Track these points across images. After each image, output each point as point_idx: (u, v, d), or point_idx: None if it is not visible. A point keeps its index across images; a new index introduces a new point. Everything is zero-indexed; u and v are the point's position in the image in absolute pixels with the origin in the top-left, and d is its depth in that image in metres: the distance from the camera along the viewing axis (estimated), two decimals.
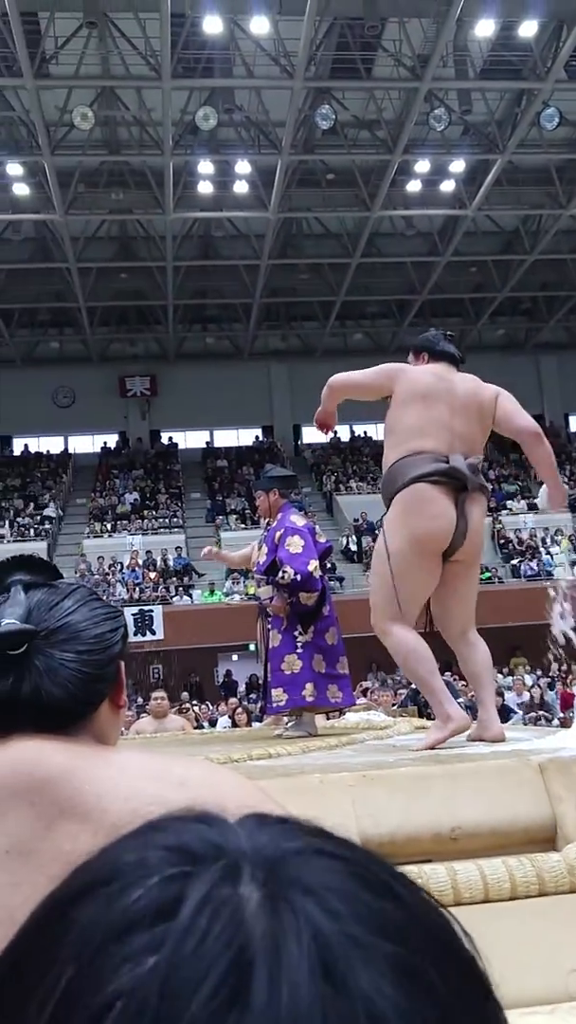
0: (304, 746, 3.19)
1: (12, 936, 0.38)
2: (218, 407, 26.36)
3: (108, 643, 1.04)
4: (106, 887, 0.35)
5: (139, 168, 18.66)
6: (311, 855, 0.36)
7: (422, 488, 3.16)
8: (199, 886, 0.34)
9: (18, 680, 0.98)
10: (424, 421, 3.25)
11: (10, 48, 14.63)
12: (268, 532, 4.86)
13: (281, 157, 17.37)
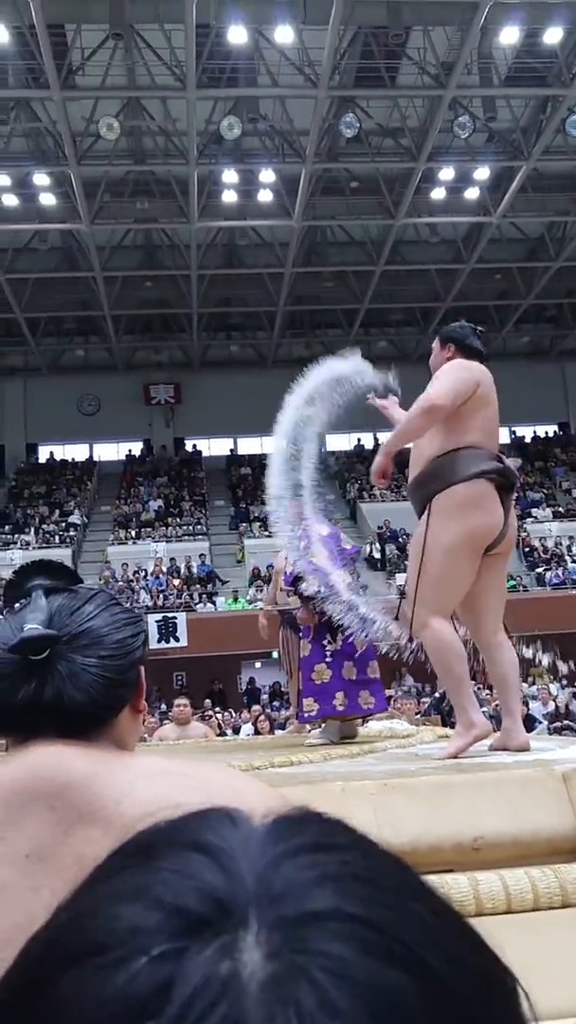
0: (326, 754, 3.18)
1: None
2: (242, 415, 26.39)
3: (129, 648, 1.04)
4: (95, 958, 0.32)
5: (164, 177, 18.78)
6: (326, 920, 0.31)
7: (484, 484, 3.16)
8: (193, 966, 0.30)
9: (40, 685, 0.98)
10: (487, 422, 3.29)
11: (37, 60, 14.78)
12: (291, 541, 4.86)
13: (305, 165, 17.42)
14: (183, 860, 0.35)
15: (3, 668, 0.99)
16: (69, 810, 0.92)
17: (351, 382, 4.29)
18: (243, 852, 0.35)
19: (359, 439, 27.28)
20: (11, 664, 0.99)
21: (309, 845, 0.35)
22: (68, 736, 0.98)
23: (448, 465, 3.21)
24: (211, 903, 0.33)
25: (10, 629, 1.02)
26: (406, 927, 0.32)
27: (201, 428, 26.77)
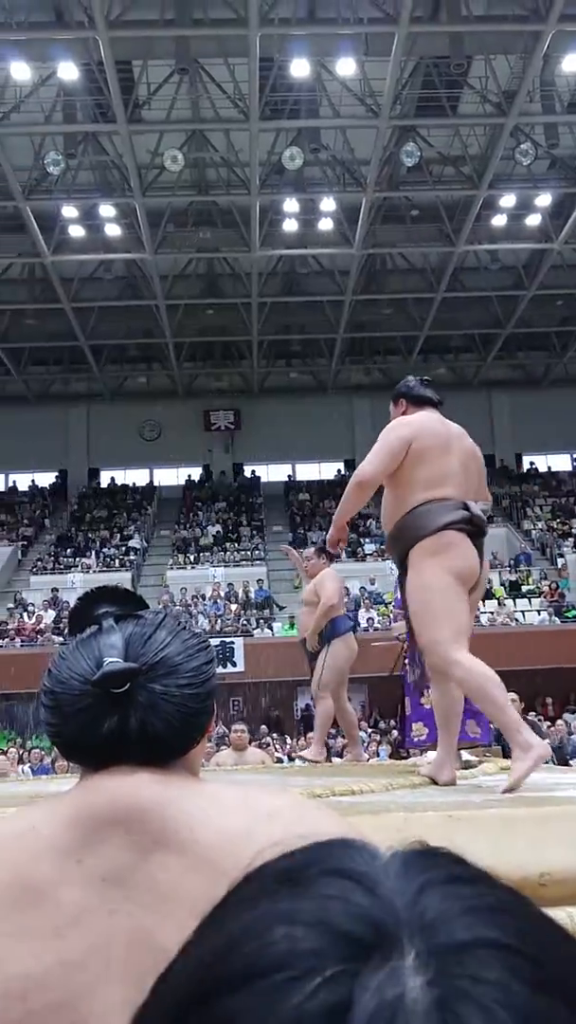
0: (388, 783, 3.16)
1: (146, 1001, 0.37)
2: (300, 441, 26.53)
3: (206, 676, 1.04)
4: (263, 980, 0.33)
5: (226, 207, 19.06)
6: (477, 948, 0.33)
7: (452, 534, 3.19)
8: (368, 989, 0.32)
9: (124, 717, 0.98)
10: (442, 469, 3.29)
11: (105, 96, 15.17)
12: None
13: (366, 194, 17.54)
14: (334, 885, 0.36)
15: (82, 701, 1.00)
16: (144, 835, 0.93)
17: None
18: (385, 881, 0.36)
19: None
20: (90, 696, 0.99)
21: (444, 877, 0.36)
22: (149, 765, 0.99)
23: (412, 523, 3.25)
24: (370, 928, 0.34)
25: (84, 661, 1.02)
26: (549, 954, 0.34)
27: (260, 454, 26.94)
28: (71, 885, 0.91)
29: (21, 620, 19.43)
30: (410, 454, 3.26)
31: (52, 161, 16.19)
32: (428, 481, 3.25)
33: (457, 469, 3.32)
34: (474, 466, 3.48)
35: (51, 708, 1.02)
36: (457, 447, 3.40)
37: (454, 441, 3.41)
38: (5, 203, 18.08)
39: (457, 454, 3.37)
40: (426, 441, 3.30)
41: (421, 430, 3.34)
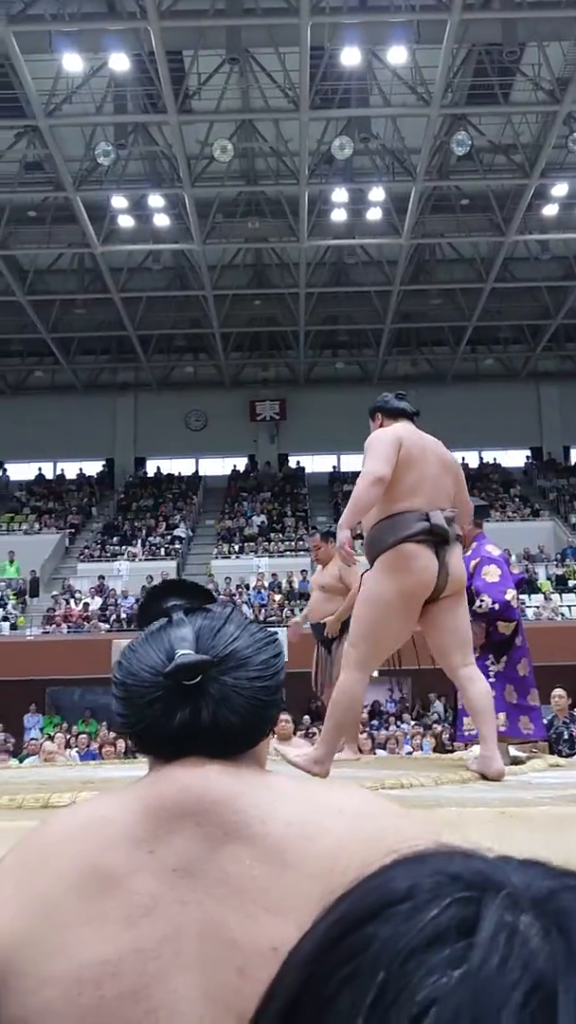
0: (436, 777, 3.15)
1: (294, 951, 0.44)
2: (346, 432, 26.36)
3: (275, 669, 1.05)
4: (399, 906, 0.40)
5: (275, 197, 19.04)
6: (570, 891, 0.40)
7: (410, 547, 3.31)
8: (492, 909, 0.38)
9: (195, 709, 0.99)
10: (416, 480, 3.39)
11: (156, 86, 15.22)
12: (463, 561, 4.91)
13: (416, 184, 17.41)
14: (451, 858, 0.43)
15: (153, 693, 1.01)
16: (215, 828, 0.94)
17: None
18: (497, 864, 0.43)
19: (463, 457, 26.98)
20: (161, 688, 1.01)
21: (540, 866, 0.43)
22: (219, 758, 1.01)
23: (377, 535, 3.41)
24: (481, 877, 0.40)
25: (155, 653, 1.03)
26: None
27: (305, 445, 26.93)
28: (143, 875, 0.93)
29: (68, 607, 19.67)
30: (398, 460, 3.38)
31: (102, 152, 16.29)
32: (402, 490, 3.37)
33: (431, 479, 3.44)
34: (450, 475, 3.59)
35: (122, 699, 1.04)
36: (433, 457, 3.52)
37: (430, 451, 3.52)
38: (56, 194, 18.26)
39: (433, 464, 3.48)
40: (410, 450, 3.42)
41: (405, 438, 3.46)
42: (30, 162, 18.08)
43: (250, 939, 0.88)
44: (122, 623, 18.97)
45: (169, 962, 0.89)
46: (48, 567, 21.89)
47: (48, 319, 22.88)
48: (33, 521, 24.01)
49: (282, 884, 0.91)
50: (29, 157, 17.85)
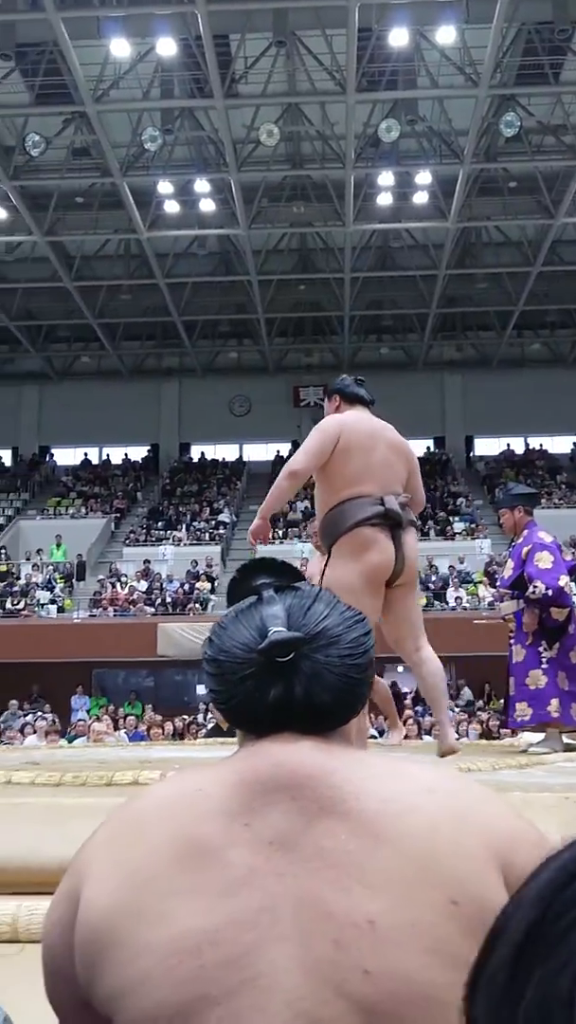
0: (494, 763, 3.15)
1: (521, 892, 0.47)
2: (390, 417, 25.64)
3: (365, 647, 1.06)
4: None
5: (320, 181, 18.95)
6: None
7: (363, 531, 3.37)
8: None
9: (288, 686, 1.01)
10: (363, 466, 3.44)
11: (202, 70, 15.21)
12: (515, 548, 4.92)
13: (463, 166, 17.21)
14: None
15: (246, 669, 1.03)
16: (310, 802, 0.96)
17: None
18: None
19: (508, 443, 26.73)
20: (254, 665, 1.02)
21: None
22: (311, 734, 1.02)
23: (331, 521, 3.47)
24: None
25: (246, 630, 1.05)
26: None
27: None
28: (239, 847, 0.94)
29: (114, 590, 19.87)
30: (337, 449, 3.43)
31: (149, 137, 16.32)
32: (350, 477, 3.42)
33: (379, 465, 3.48)
34: (402, 461, 3.61)
35: (215, 676, 1.05)
36: (383, 444, 3.56)
37: (379, 438, 3.56)
38: (103, 180, 18.35)
39: (382, 450, 3.52)
40: (352, 437, 3.46)
41: (349, 427, 3.51)
42: (77, 148, 18.18)
43: (345, 912, 0.90)
44: (167, 607, 19.13)
45: (266, 933, 0.90)
46: (94, 551, 22.13)
47: (94, 305, 23.03)
48: (79, 506, 24.27)
49: (377, 859, 0.92)
50: (76, 143, 17.95)
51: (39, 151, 16.61)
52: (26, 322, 24.28)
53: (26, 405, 27.30)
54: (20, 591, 20.07)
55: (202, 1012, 0.88)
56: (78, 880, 1.02)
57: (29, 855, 2.23)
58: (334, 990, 0.87)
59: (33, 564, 21.15)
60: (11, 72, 15.81)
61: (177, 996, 0.89)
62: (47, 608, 19.59)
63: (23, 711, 15.77)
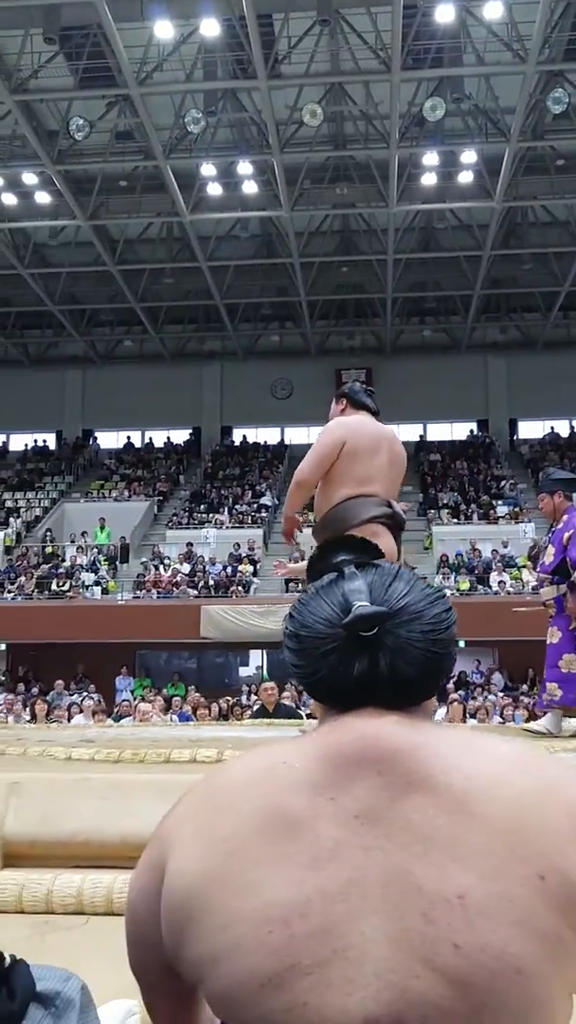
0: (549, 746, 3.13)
1: None
2: (433, 400, 26.17)
3: (448, 623, 1.06)
4: None
5: (364, 162, 18.79)
6: None
7: (375, 527, 3.45)
8: None
9: (373, 660, 1.01)
10: (371, 469, 3.54)
11: (246, 51, 15.12)
12: (555, 533, 4.88)
13: (509, 144, 16.96)
14: None
15: (328, 644, 1.03)
16: (396, 777, 0.96)
17: None
18: None
19: (552, 427, 26.40)
20: (337, 639, 1.03)
21: None
22: (394, 709, 1.02)
23: (341, 514, 3.52)
24: None
25: (328, 606, 1.05)
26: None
27: (391, 413, 26.48)
28: (325, 820, 0.95)
29: (157, 572, 20.02)
30: (343, 454, 3.52)
31: (192, 119, 16.28)
32: (357, 479, 3.50)
33: (385, 470, 3.57)
34: (399, 470, 3.72)
35: (297, 651, 1.06)
36: (387, 450, 3.63)
37: (384, 444, 3.63)
38: (146, 163, 18.36)
39: (385, 456, 3.60)
40: (358, 442, 3.55)
41: (354, 432, 3.60)
42: (121, 131, 18.20)
43: (435, 886, 0.90)
44: (210, 589, 19.23)
45: (356, 905, 0.91)
46: (137, 534, 22.30)
47: (137, 288, 23.12)
48: (122, 489, 24.46)
49: (465, 834, 0.92)
50: (120, 126, 17.98)
51: (83, 135, 16.66)
52: (70, 306, 24.45)
53: (70, 389, 27.54)
54: (65, 573, 20.31)
55: (293, 981, 0.89)
56: (163, 850, 1.04)
57: (92, 830, 2.26)
58: (424, 963, 0.88)
59: (78, 546, 21.39)
60: (55, 56, 15.86)
61: (269, 964, 0.90)
62: (92, 590, 19.80)
63: (68, 691, 15.98)
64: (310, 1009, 0.88)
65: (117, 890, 2.12)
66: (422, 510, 23.03)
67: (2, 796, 2.33)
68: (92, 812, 2.29)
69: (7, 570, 20.87)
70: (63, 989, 1.35)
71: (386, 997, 0.88)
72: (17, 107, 16.29)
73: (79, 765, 2.62)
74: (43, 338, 26.88)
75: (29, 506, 24.17)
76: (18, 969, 1.27)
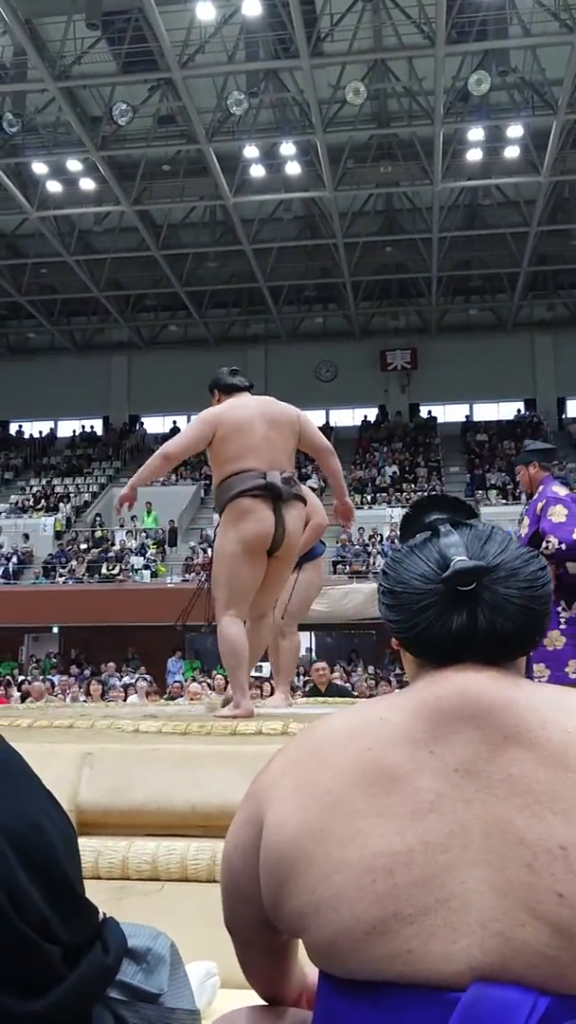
0: None
1: None
2: (479, 380, 25.93)
3: (543, 580, 1.06)
4: None
5: (408, 139, 18.60)
6: None
7: (244, 501, 3.62)
8: None
9: (472, 615, 1.02)
10: (244, 447, 3.69)
11: (288, 30, 15.02)
12: (530, 504, 4.80)
13: (557, 117, 16.66)
14: None
15: (426, 599, 1.04)
16: (494, 731, 0.96)
17: None
18: None
19: None
20: (435, 595, 1.04)
21: None
22: (491, 664, 1.03)
23: (218, 495, 3.78)
24: None
25: (424, 563, 1.07)
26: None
27: (437, 394, 26.52)
28: (425, 773, 0.96)
29: (205, 555, 20.15)
30: (216, 438, 3.71)
31: (235, 101, 16.24)
32: (232, 457, 3.68)
33: (260, 443, 3.70)
34: (284, 433, 3.78)
35: (393, 607, 1.07)
36: (261, 423, 3.75)
37: (257, 419, 3.76)
38: (189, 147, 18.37)
39: (261, 430, 3.73)
40: (229, 425, 3.72)
41: (224, 416, 3.77)
42: (163, 116, 18.21)
43: (538, 837, 0.90)
44: None
45: (458, 856, 0.92)
46: (185, 517, 22.46)
47: (181, 273, 23.18)
48: (169, 473, 24.60)
49: (567, 788, 0.93)
50: (162, 111, 17.98)
51: (126, 120, 16.71)
52: (115, 292, 24.59)
53: (116, 375, 27.76)
54: (115, 557, 20.53)
55: (396, 929, 0.91)
56: (259, 805, 1.05)
57: (163, 799, 2.30)
58: (529, 912, 0.89)
59: (127, 531, 21.59)
60: (98, 41, 15.90)
61: (373, 912, 0.91)
62: (141, 573, 19.99)
63: (121, 673, 16.19)
64: (415, 956, 0.90)
65: (191, 857, 2.16)
66: (469, 491, 22.86)
67: (75, 767, 2.38)
68: (162, 782, 2.32)
69: (58, 555, 21.15)
70: (153, 946, 1.38)
71: (491, 945, 0.89)
72: (61, 94, 16.37)
73: (147, 737, 2.66)
74: (89, 325, 27.09)
75: (78, 491, 24.45)
76: (110, 925, 1.30)
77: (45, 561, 21.04)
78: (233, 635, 3.68)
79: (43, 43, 16.01)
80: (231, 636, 3.68)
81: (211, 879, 2.08)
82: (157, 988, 1.33)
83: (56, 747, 2.47)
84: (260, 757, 1.47)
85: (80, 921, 1.22)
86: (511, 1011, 0.86)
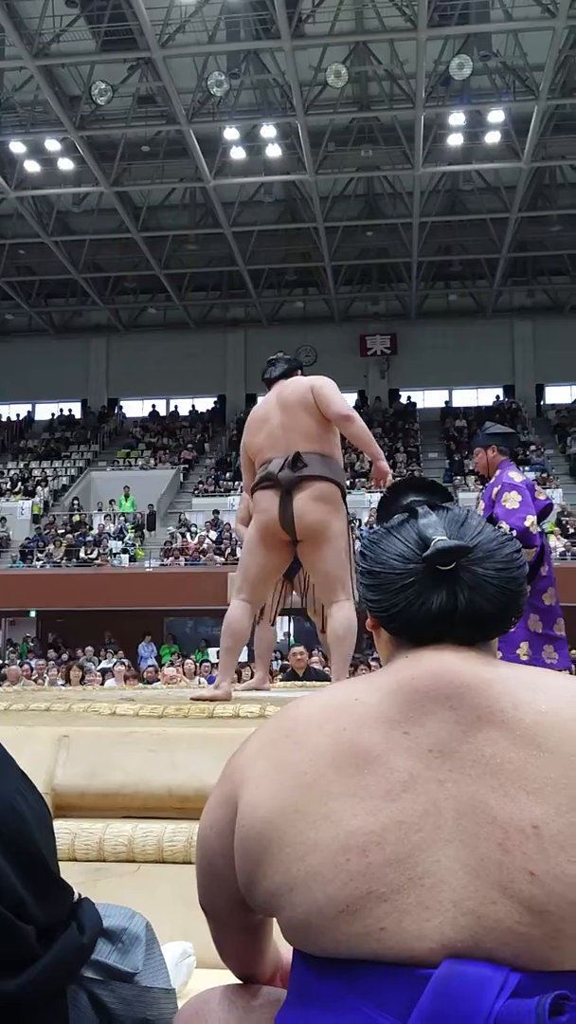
0: None
1: None
2: (458, 366, 25.98)
3: (519, 563, 1.07)
4: None
5: (389, 123, 18.53)
6: None
7: (256, 494, 3.76)
8: None
9: (452, 595, 1.03)
10: (262, 440, 3.80)
11: (269, 11, 14.90)
12: (486, 488, 4.81)
13: (538, 103, 16.65)
14: None
15: (405, 579, 1.05)
16: (468, 711, 0.97)
17: None
18: None
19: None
20: (414, 574, 1.04)
21: None
22: (467, 644, 1.03)
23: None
24: None
25: (403, 543, 1.07)
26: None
27: (416, 379, 26.56)
28: (399, 754, 0.96)
29: (184, 540, 20.13)
30: (244, 442, 3.95)
31: (215, 82, 16.11)
32: (257, 452, 3.83)
33: (276, 431, 3.76)
34: (298, 413, 3.73)
35: (373, 587, 1.07)
36: (275, 412, 3.80)
37: (272, 410, 3.82)
38: (169, 127, 18.20)
39: (276, 418, 3.78)
40: (249, 425, 3.91)
41: (247, 426, 3.94)
42: (143, 96, 18.04)
43: (510, 817, 0.91)
44: (237, 556, 19.31)
45: (431, 835, 0.92)
46: (164, 501, 22.40)
47: (160, 256, 23.02)
48: (148, 457, 24.54)
49: (538, 768, 0.93)
50: (142, 91, 17.81)
51: (105, 100, 16.54)
52: (93, 274, 24.40)
53: (94, 358, 27.58)
54: (93, 541, 20.46)
55: (369, 907, 0.91)
56: (234, 785, 1.06)
57: (139, 782, 2.30)
58: (501, 890, 0.89)
59: (105, 515, 21.51)
60: (77, 19, 15.71)
61: (346, 891, 0.92)
62: (119, 558, 19.94)
63: (99, 657, 16.16)
64: (387, 934, 0.90)
65: (167, 839, 2.16)
66: (448, 476, 22.94)
67: (51, 750, 2.37)
68: (139, 764, 2.32)
69: (36, 539, 21.06)
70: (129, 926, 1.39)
71: (463, 923, 0.89)
72: (39, 72, 16.17)
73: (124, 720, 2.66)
74: (67, 307, 26.88)
75: (56, 475, 24.32)
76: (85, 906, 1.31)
77: (22, 545, 20.93)
78: (232, 618, 3.76)
79: (20, 20, 15.78)
80: (230, 618, 3.76)
81: (187, 861, 2.09)
82: (132, 967, 1.34)
83: (32, 730, 2.47)
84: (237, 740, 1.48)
85: (55, 901, 1.22)
86: (482, 987, 0.87)
